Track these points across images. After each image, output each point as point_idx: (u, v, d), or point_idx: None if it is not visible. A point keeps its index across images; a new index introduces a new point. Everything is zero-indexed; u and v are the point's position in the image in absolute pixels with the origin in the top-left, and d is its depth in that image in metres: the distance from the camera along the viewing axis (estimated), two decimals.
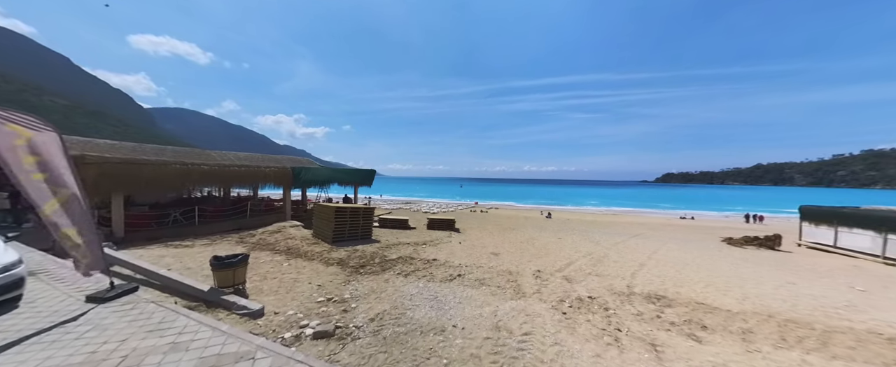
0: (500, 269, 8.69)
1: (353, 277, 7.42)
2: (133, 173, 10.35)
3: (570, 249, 12.68)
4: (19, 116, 4.65)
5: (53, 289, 5.46)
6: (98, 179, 9.58)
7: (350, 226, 11.71)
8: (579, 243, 14.43)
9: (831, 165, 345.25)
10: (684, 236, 19.08)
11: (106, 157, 9.88)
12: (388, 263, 8.77)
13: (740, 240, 16.80)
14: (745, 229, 25.92)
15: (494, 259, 10.04)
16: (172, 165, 11.34)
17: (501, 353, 4.27)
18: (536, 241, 14.51)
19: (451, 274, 7.88)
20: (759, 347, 4.96)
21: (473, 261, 9.57)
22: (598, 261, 10.59)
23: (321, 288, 6.56)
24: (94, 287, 5.46)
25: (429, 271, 8.13)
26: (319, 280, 7.05)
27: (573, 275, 8.56)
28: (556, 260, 10.35)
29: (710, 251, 13.84)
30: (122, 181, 10.16)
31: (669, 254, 12.60)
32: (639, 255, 12.03)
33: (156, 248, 9.62)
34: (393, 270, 8.06)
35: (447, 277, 7.64)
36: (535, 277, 8.12)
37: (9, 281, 4.65)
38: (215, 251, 9.38)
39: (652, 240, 16.61)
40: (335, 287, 6.65)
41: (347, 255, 9.44)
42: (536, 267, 9.17)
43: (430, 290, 6.63)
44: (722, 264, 10.99)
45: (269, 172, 15.15)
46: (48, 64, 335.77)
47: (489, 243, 13.43)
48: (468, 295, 6.42)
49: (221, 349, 3.77)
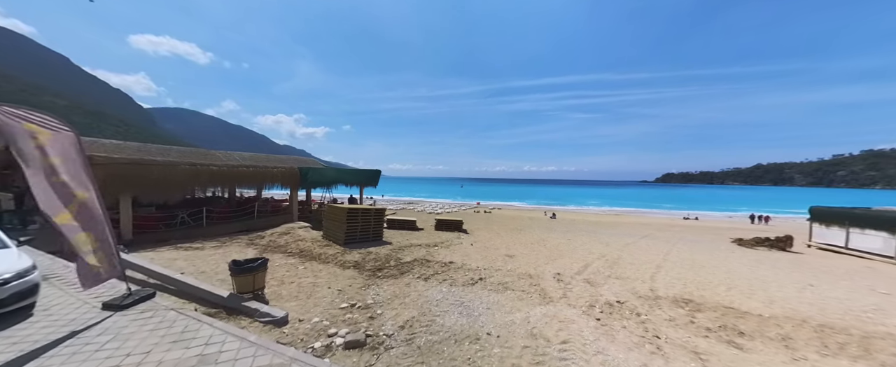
0: (519, 272, 8.47)
1: (372, 281, 7.19)
2: (141, 174, 10.09)
3: (582, 250, 12.48)
4: (36, 116, 4.42)
5: (67, 295, 5.22)
6: (106, 181, 9.30)
7: (361, 227, 11.48)
8: (590, 244, 14.23)
9: (831, 165, 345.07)
10: (693, 237, 18.91)
11: (114, 157, 9.62)
12: (405, 265, 8.54)
13: (751, 241, 16.62)
14: (751, 229, 25.79)
15: (510, 261, 9.83)
16: (181, 166, 11.09)
17: (543, 363, 4.05)
18: (547, 242, 14.31)
19: (471, 278, 7.66)
20: (805, 354, 4.76)
21: (490, 264, 9.36)
22: (613, 263, 10.39)
23: (342, 293, 6.33)
24: (108, 293, 5.23)
25: (448, 274, 7.91)
26: (339, 284, 6.82)
27: (593, 278, 8.35)
28: (571, 262, 10.14)
29: (722, 253, 13.66)
30: (130, 182, 9.91)
31: (682, 256, 12.41)
32: (652, 257, 11.84)
33: (166, 251, 9.36)
34: (411, 273, 7.84)
35: (468, 281, 7.42)
36: (557, 280, 7.90)
37: (24, 288, 4.41)
38: (227, 254, 9.15)
39: (661, 241, 16.43)
40: (356, 292, 6.42)
41: (362, 257, 9.21)
42: (555, 270, 8.96)
43: (454, 295, 6.41)
44: (738, 266, 10.80)
45: (277, 173, 14.90)
46: (48, 64, 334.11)
47: (500, 244, 13.22)
48: (495, 300, 6.21)
49: (253, 363, 3.53)
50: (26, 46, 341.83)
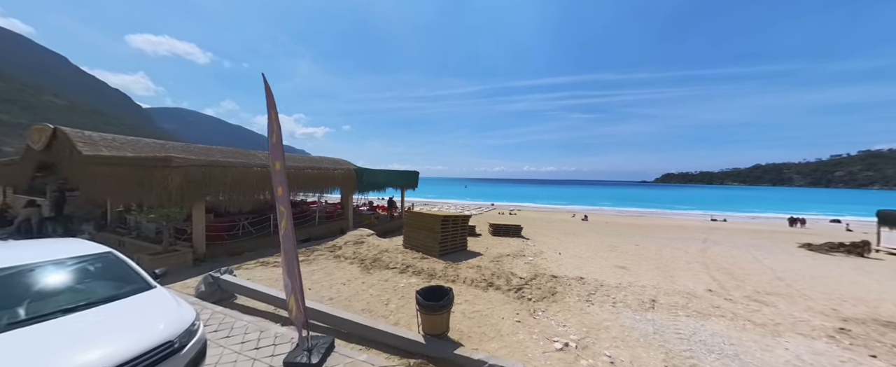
0: (673, 289, 7.29)
1: (528, 305, 5.96)
2: (218, 178, 8.75)
3: (674, 258, 11.43)
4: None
5: (221, 348, 3.92)
6: (184, 187, 7.98)
7: (451, 236, 10.26)
8: (668, 251, 13.17)
9: (829, 165, 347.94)
10: (757, 242, 17.84)
11: (191, 159, 8.27)
12: (537, 283, 7.31)
13: (824, 246, 15.68)
14: (796, 233, 24.99)
15: (628, 274, 8.68)
16: (253, 169, 9.76)
17: None
18: (625, 248, 13.23)
19: (638, 299, 6.47)
20: None
21: (618, 278, 8.17)
22: (730, 274, 9.32)
23: (522, 324, 5.10)
24: (268, 341, 3.95)
25: (608, 294, 6.70)
26: (502, 312, 5.59)
27: (755, 295, 7.21)
28: (694, 275, 9.02)
29: (812, 260, 12.68)
30: (206, 188, 8.56)
31: (785, 265, 11.40)
32: (753, 265, 10.80)
33: (254, 267, 8.03)
34: (561, 293, 6.61)
35: (640, 303, 6.22)
36: (727, 299, 6.76)
37: (194, 352, 2.98)
38: (318, 269, 7.83)
39: (731, 247, 15.44)
40: (536, 323, 5.19)
41: (478, 273, 7.96)
42: (700, 285, 7.81)
43: (656, 323, 5.22)
44: (853, 276, 9.82)
45: (338, 175, 13.59)
46: (46, 63, 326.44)
47: (584, 252, 12.06)
48: (714, 330, 5.03)
49: None
50: (24, 46, 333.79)
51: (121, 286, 3.39)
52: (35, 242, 4.13)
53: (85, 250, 3.69)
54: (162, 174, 7.90)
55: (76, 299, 3.03)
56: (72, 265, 3.39)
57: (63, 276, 3.24)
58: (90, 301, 3.04)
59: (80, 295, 3.10)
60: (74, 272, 3.34)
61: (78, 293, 3.12)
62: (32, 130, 12.27)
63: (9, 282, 2.95)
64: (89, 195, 10.97)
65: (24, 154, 13.16)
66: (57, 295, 3.03)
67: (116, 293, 3.25)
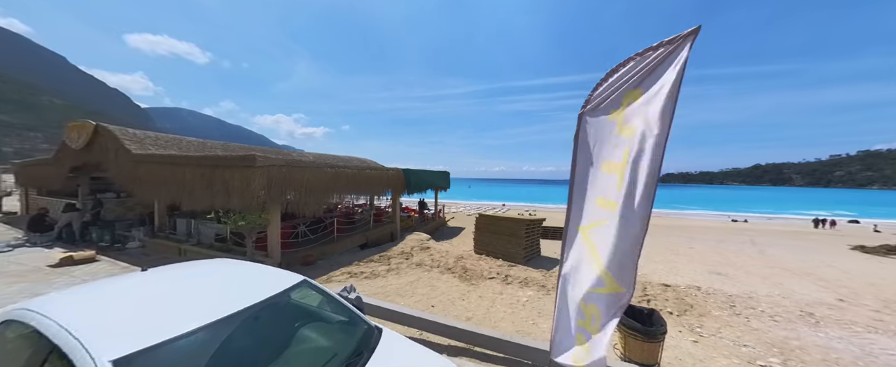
0: (801, 299, 6.69)
1: (679, 320, 5.33)
2: (297, 180, 8.04)
3: (749, 263, 10.95)
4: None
5: None
6: (269, 189, 7.26)
7: (531, 241, 9.64)
8: (730, 255, 12.71)
9: (829, 165, 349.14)
10: (794, 244, 17.36)
11: (271, 158, 7.54)
12: (652, 294, 6.70)
13: (881, 249, 15.27)
14: (829, 235, 24.68)
15: (736, 281, 8.11)
16: (324, 170, 9.05)
17: None
18: (685, 251, 12.79)
19: (785, 310, 5.86)
20: None
21: (730, 287, 7.56)
22: (824, 280, 8.82)
23: (699, 345, 4.49)
24: None
25: (748, 306, 6.04)
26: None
27: (890, 303, 6.67)
28: (798, 281, 8.46)
29: (876, 263, 12.28)
30: (285, 191, 7.85)
31: (855, 267, 11.06)
32: (828, 270, 10.34)
33: (346, 279, 7.29)
34: (700, 307, 6.00)
35: (798, 316, 5.61)
36: (873, 310, 6.18)
37: None
38: (415, 281, 7.09)
39: (781, 248, 15.05)
40: (712, 343, 4.59)
41: None
42: (815, 293, 7.25)
43: (852, 342, 4.62)
44: None
45: (390, 177, 12.91)
46: (45, 63, 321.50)
47: (654, 256, 11.50)
48: None
49: None
50: (23, 46, 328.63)
51: (350, 335, 2.33)
52: (189, 267, 2.60)
53: (280, 279, 2.43)
54: (243, 175, 7.19)
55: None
56: (293, 309, 2.31)
57: (292, 326, 2.20)
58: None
59: (321, 356, 2.05)
60: (300, 319, 2.31)
61: (320, 355, 2.07)
62: (70, 128, 11.44)
63: (235, 346, 1.78)
64: (141, 198, 10.18)
65: (58, 153, 12.31)
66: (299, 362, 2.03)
67: (358, 347, 2.17)
